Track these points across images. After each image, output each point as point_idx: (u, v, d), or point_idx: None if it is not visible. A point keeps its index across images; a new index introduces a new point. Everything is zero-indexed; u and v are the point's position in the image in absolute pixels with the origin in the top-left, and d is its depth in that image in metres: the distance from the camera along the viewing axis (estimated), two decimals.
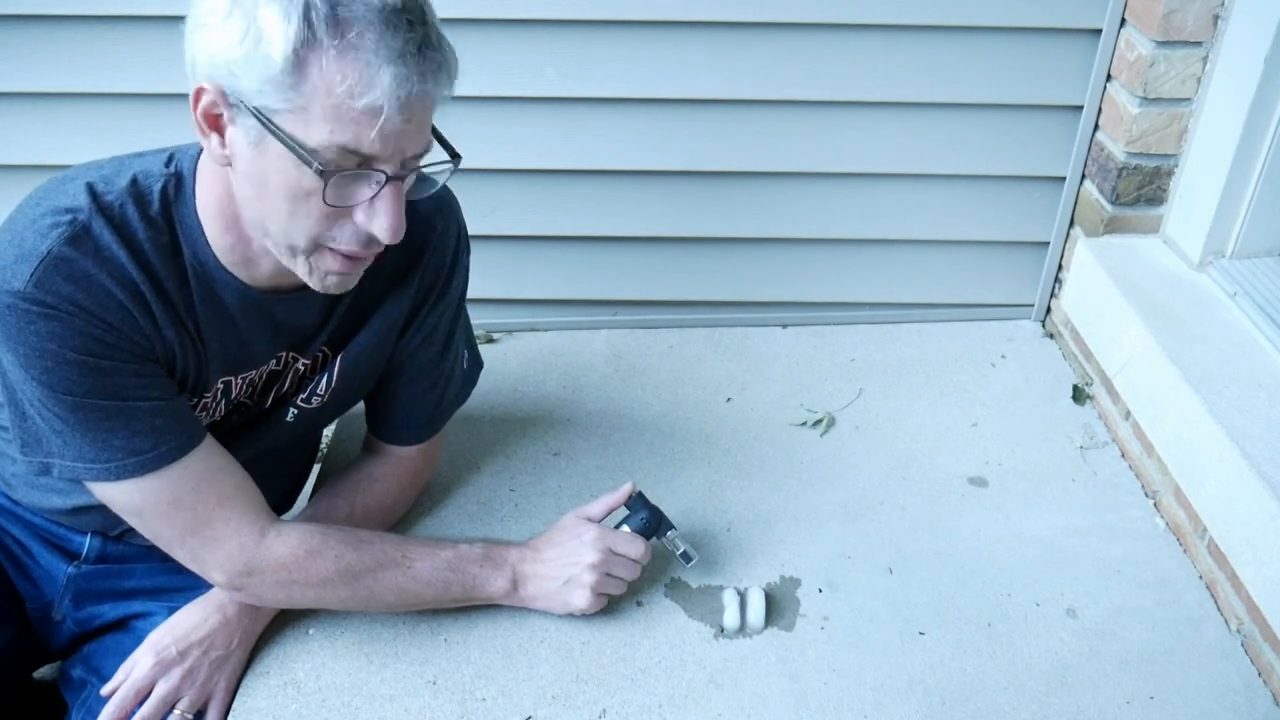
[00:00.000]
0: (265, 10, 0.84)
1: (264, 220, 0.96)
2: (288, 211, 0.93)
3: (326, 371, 1.21)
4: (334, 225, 0.95)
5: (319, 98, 0.86)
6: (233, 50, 0.85)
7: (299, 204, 0.92)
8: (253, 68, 0.85)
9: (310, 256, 0.98)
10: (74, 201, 0.97)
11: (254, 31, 0.84)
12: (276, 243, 0.98)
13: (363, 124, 0.87)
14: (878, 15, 1.56)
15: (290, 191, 0.92)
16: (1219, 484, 1.30)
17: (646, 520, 1.25)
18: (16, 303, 0.93)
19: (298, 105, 0.86)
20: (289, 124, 0.88)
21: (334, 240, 0.96)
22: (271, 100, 0.86)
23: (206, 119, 0.92)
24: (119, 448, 1.01)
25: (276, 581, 1.11)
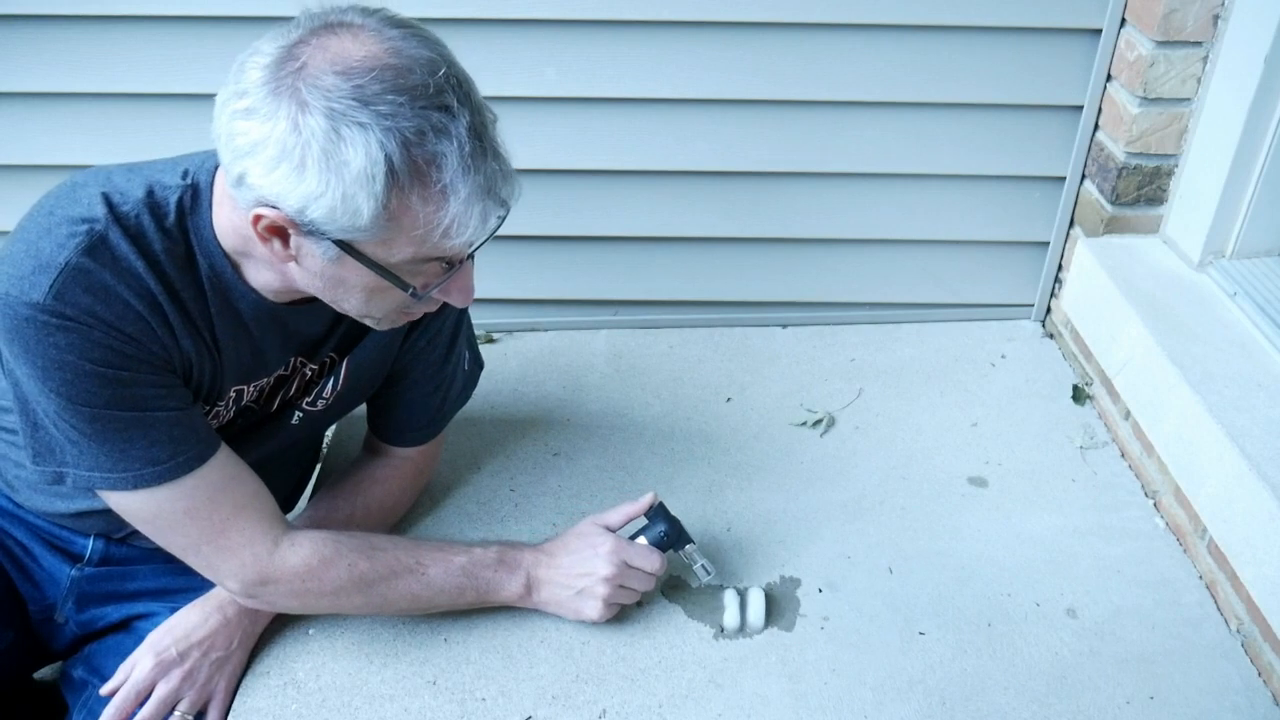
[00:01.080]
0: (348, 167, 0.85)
1: (336, 301, 1.01)
2: (365, 299, 0.99)
3: (333, 375, 1.21)
4: (413, 304, 1.01)
5: (405, 231, 0.90)
6: (314, 203, 0.87)
7: (377, 295, 0.98)
8: (338, 220, 0.88)
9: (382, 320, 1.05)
10: (90, 211, 0.96)
11: (337, 189, 0.86)
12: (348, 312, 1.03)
13: (456, 250, 0.94)
14: (878, 15, 1.56)
15: (370, 290, 0.97)
16: (1219, 484, 1.30)
17: (665, 533, 1.25)
18: (35, 315, 0.92)
19: (383, 239, 0.90)
20: (371, 248, 0.92)
21: (411, 309, 1.04)
22: (354, 236, 0.90)
23: (269, 230, 0.92)
24: (136, 458, 1.01)
25: (290, 590, 1.11)
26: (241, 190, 0.90)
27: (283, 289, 1.04)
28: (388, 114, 0.84)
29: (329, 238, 0.90)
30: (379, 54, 0.85)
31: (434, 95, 0.85)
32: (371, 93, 0.84)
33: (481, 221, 0.91)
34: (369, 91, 0.83)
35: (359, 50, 0.85)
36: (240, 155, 0.87)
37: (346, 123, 0.83)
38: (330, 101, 0.83)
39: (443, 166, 0.87)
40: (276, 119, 0.84)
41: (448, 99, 0.86)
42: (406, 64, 0.85)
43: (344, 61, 0.84)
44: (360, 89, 0.83)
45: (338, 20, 0.88)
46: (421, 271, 0.96)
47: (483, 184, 0.89)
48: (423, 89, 0.85)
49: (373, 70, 0.84)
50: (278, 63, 0.85)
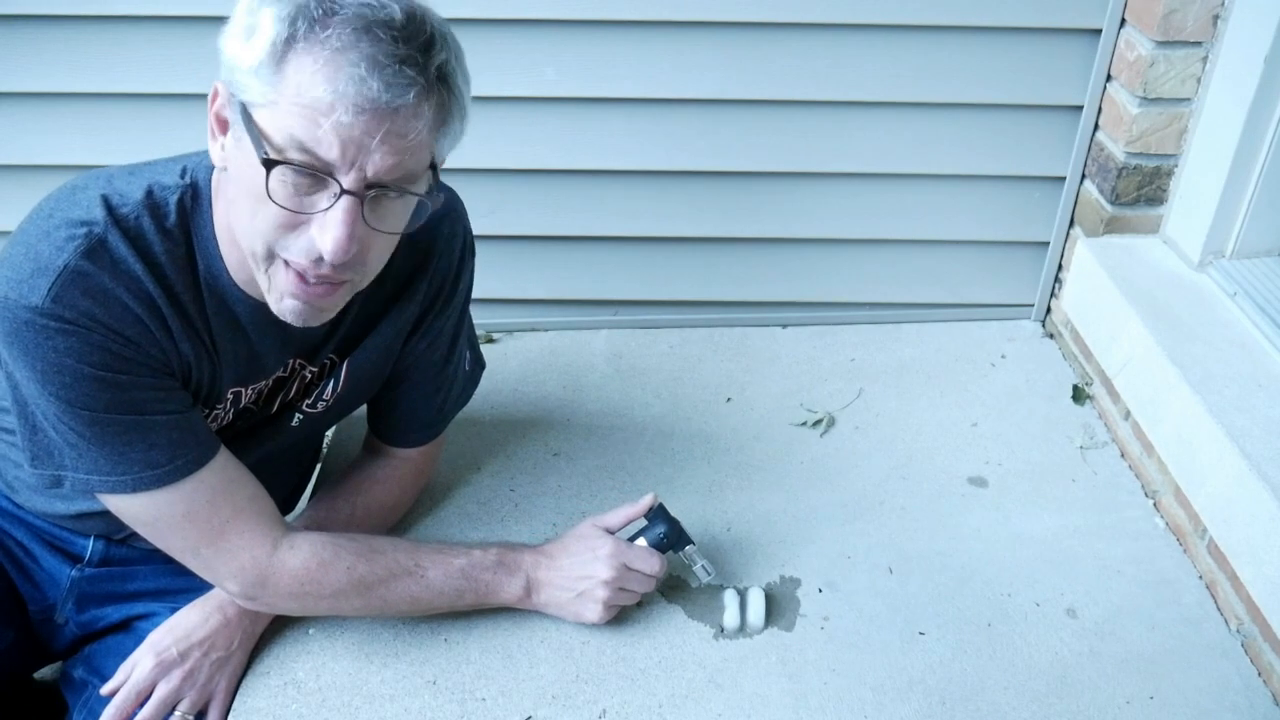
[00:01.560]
0: (266, 9, 0.86)
1: (237, 224, 0.95)
2: (249, 211, 0.92)
3: (333, 377, 1.21)
4: (288, 234, 0.91)
5: (289, 92, 0.85)
6: (234, 42, 0.87)
7: (260, 204, 0.90)
8: (242, 60, 0.86)
9: (269, 269, 0.95)
10: (89, 214, 0.96)
11: (251, 27, 0.86)
12: (244, 249, 0.96)
13: (317, 121, 0.85)
14: (878, 15, 1.56)
15: (253, 190, 0.90)
16: (1219, 484, 1.30)
17: (664, 535, 1.25)
18: (34, 318, 0.92)
19: (271, 99, 0.86)
20: (262, 117, 0.87)
21: (286, 250, 0.92)
22: (254, 94, 0.87)
23: (218, 122, 0.93)
24: (136, 461, 1.01)
25: (290, 592, 1.11)
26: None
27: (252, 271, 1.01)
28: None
29: (238, 99, 0.88)
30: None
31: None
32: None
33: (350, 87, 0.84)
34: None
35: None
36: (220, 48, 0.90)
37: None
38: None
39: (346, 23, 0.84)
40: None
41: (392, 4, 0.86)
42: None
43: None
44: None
45: None
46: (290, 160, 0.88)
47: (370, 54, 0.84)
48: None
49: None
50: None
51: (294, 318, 0.98)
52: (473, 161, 1.66)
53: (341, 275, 0.95)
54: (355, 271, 0.96)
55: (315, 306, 0.97)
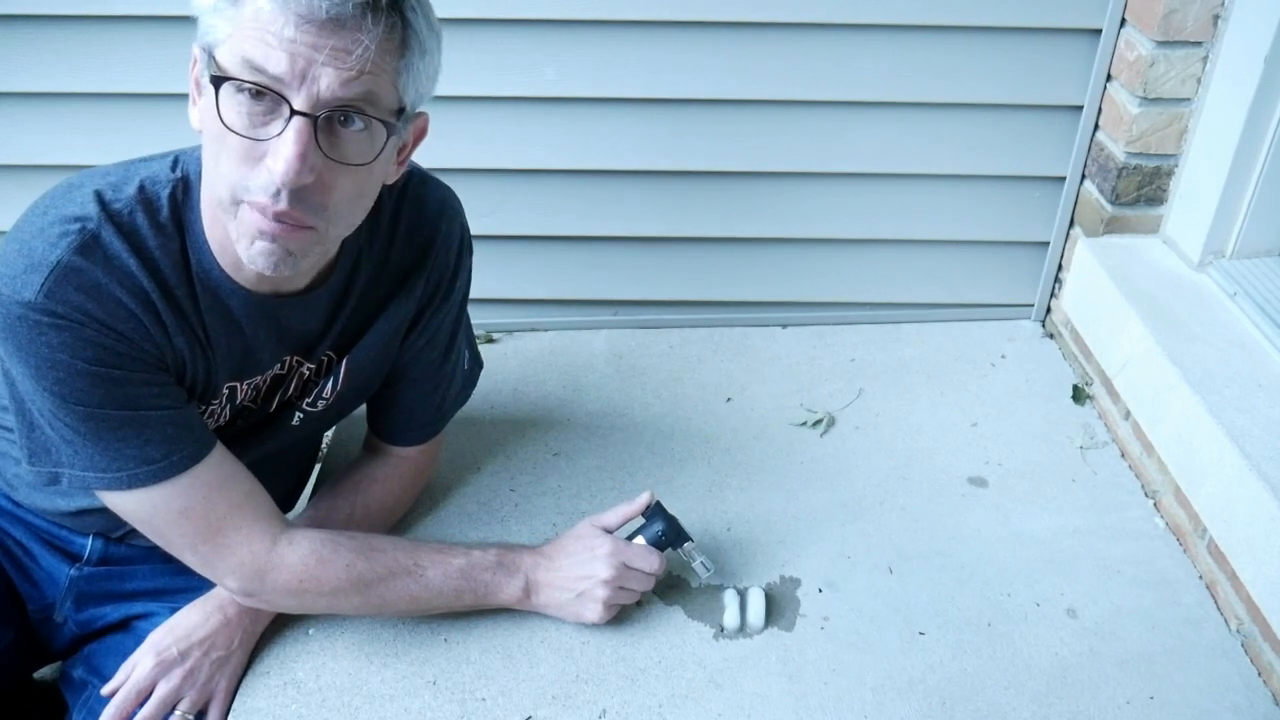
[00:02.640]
0: None
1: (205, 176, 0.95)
2: (213, 155, 0.91)
3: (332, 375, 1.21)
4: (248, 172, 0.89)
5: (245, 21, 0.85)
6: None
7: (221, 145, 0.89)
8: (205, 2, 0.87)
9: (236, 214, 0.92)
10: (82, 210, 0.96)
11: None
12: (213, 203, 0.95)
13: (265, 39, 0.84)
14: (878, 15, 1.56)
15: (214, 132, 0.89)
16: (1219, 484, 1.30)
17: (663, 532, 1.24)
18: (27, 314, 0.93)
19: (229, 33, 0.86)
20: (222, 54, 0.87)
21: (247, 191, 0.90)
22: (217, 34, 0.87)
23: (196, 87, 0.93)
24: (131, 457, 1.01)
25: (288, 589, 1.11)
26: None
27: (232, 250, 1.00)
28: None
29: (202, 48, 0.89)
30: None
31: None
32: None
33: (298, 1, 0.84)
34: None
35: None
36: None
37: None
38: None
39: None
40: None
41: None
42: None
43: None
44: None
45: None
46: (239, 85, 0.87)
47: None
48: None
49: None
50: None
51: (264, 261, 0.93)
52: (473, 161, 1.67)
53: (304, 215, 0.92)
54: (318, 215, 0.93)
55: (283, 247, 0.93)
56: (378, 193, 1.02)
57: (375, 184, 1.00)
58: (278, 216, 0.90)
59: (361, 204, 0.99)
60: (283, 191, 0.88)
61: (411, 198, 1.18)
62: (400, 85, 0.92)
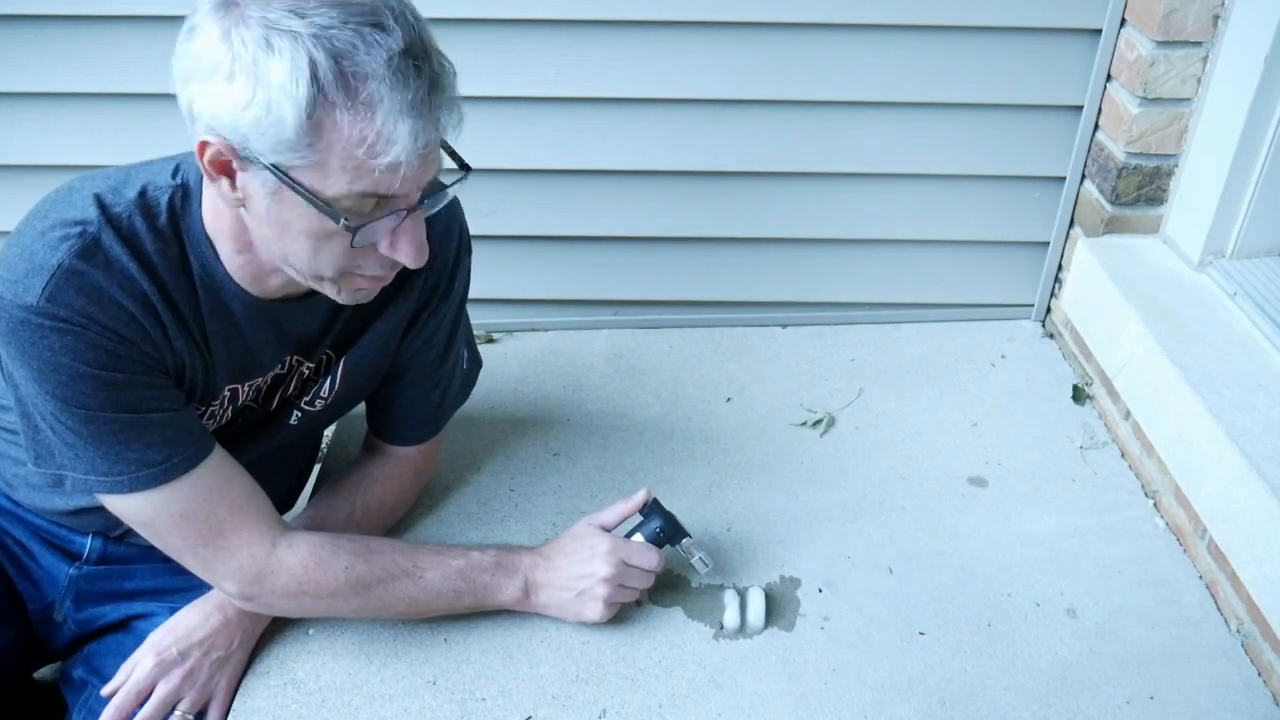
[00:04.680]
0: (271, 73, 0.83)
1: (286, 256, 0.98)
2: (311, 249, 0.95)
3: (330, 374, 1.21)
4: (361, 257, 0.97)
5: (335, 153, 0.87)
6: (241, 113, 0.85)
7: (323, 243, 0.95)
8: (265, 132, 0.85)
9: (337, 282, 1.00)
10: (82, 214, 0.96)
11: (262, 96, 0.84)
12: (301, 273, 0.99)
13: (385, 179, 0.89)
14: (878, 15, 1.56)
15: (313, 234, 0.93)
16: (1219, 484, 1.30)
17: (660, 529, 1.24)
18: (30, 317, 0.93)
19: (314, 161, 0.87)
20: (306, 177, 0.88)
21: (360, 269, 0.99)
22: (286, 158, 0.87)
23: (215, 165, 0.91)
24: (132, 460, 1.01)
25: (287, 591, 1.11)
26: (193, 123, 0.90)
27: (257, 272, 1.03)
28: (320, 25, 0.83)
29: (264, 163, 0.87)
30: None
31: (370, 13, 0.85)
32: (309, 6, 0.84)
33: (411, 140, 0.86)
34: (307, 6, 0.84)
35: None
36: (185, 80, 0.88)
37: (277, 33, 0.83)
38: (266, 12, 0.83)
39: (369, 78, 0.84)
40: (216, 35, 0.85)
41: (384, 18, 0.85)
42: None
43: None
44: (299, 3, 0.84)
45: None
46: (362, 212, 0.92)
47: (411, 100, 0.86)
48: (359, 6, 0.85)
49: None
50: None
51: (366, 300, 1.06)
52: (472, 161, 1.65)
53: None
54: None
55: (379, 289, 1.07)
56: None
57: None
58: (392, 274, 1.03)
59: None
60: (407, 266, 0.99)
61: None
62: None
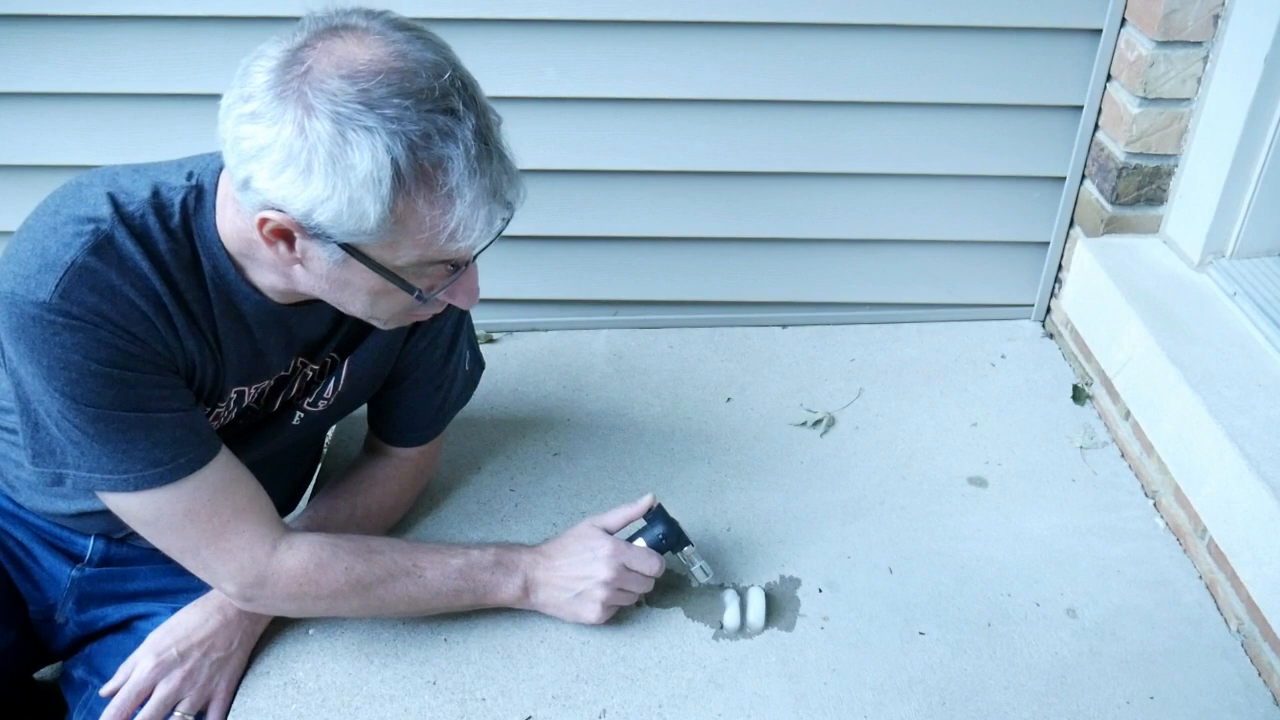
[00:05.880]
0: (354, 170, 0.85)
1: (340, 303, 1.01)
2: (370, 302, 0.99)
3: (334, 376, 1.21)
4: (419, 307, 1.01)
5: (411, 234, 0.90)
6: (320, 205, 0.87)
7: (383, 297, 0.98)
8: (344, 223, 0.88)
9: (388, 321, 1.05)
10: (95, 211, 0.96)
11: (344, 193, 0.86)
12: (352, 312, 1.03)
13: (460, 253, 0.94)
14: (878, 15, 1.56)
15: (375, 292, 0.97)
16: (1219, 484, 1.30)
17: (663, 536, 1.24)
18: (42, 314, 0.93)
19: (389, 241, 0.90)
20: (376, 252, 0.92)
21: (417, 310, 1.03)
22: (360, 240, 0.90)
23: (275, 234, 0.92)
24: (139, 459, 1.01)
25: (287, 593, 1.11)
26: (247, 194, 0.90)
27: (287, 290, 1.04)
28: (393, 117, 0.84)
29: (334, 241, 0.90)
30: (384, 57, 0.85)
31: (440, 99, 0.86)
32: (377, 96, 0.84)
33: (487, 224, 0.91)
34: (375, 95, 0.84)
35: (364, 54, 0.85)
36: (246, 159, 0.88)
37: (353, 126, 0.83)
38: (336, 105, 0.83)
39: (449, 170, 0.87)
40: (282, 123, 0.85)
41: (453, 102, 0.86)
42: (412, 67, 0.86)
43: (350, 65, 0.84)
44: (366, 93, 0.84)
45: (342, 23, 0.88)
46: (426, 274, 0.97)
47: (488, 186, 0.90)
48: (428, 92, 0.85)
49: (378, 74, 0.84)
50: (283, 66, 0.85)
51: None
52: None
53: None
54: None
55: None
56: None
57: None
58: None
59: None
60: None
61: None
62: None
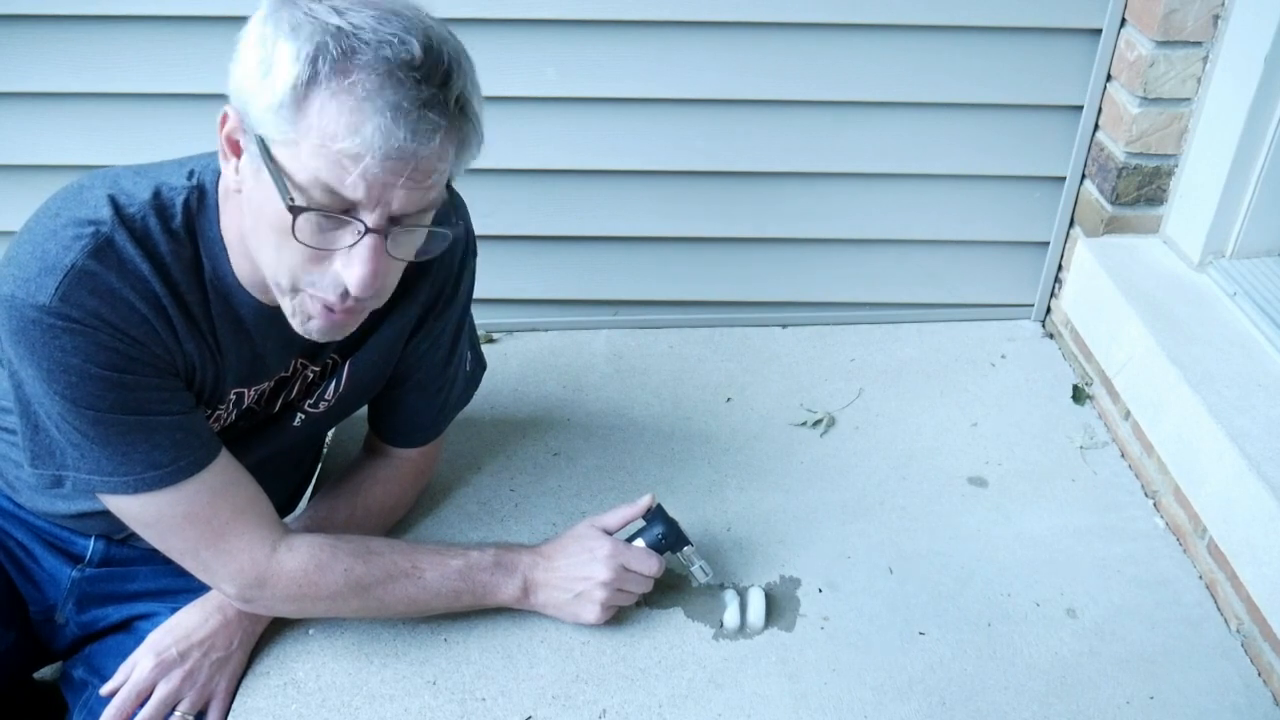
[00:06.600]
0: (282, 44, 0.85)
1: (258, 251, 0.96)
2: (274, 245, 0.93)
3: (335, 377, 1.21)
4: (314, 269, 0.93)
5: (312, 135, 0.86)
6: (249, 77, 0.87)
7: (284, 240, 0.91)
8: (260, 95, 0.86)
9: (293, 298, 0.97)
10: (96, 213, 0.96)
11: (267, 62, 0.85)
12: (267, 277, 0.97)
13: (344, 167, 0.86)
14: (878, 15, 1.56)
15: (276, 225, 0.91)
16: (1219, 484, 1.30)
17: (662, 536, 1.24)
18: (41, 317, 0.92)
19: (292, 139, 0.87)
20: (283, 155, 0.88)
21: (313, 285, 0.94)
22: (272, 130, 0.87)
23: (229, 144, 0.93)
24: (138, 461, 1.01)
25: (287, 594, 1.11)
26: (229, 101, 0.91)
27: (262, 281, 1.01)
28: (352, 23, 0.85)
29: (253, 133, 0.89)
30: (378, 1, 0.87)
31: (406, 29, 0.86)
32: (354, 6, 0.85)
33: (380, 137, 0.84)
34: (353, 5, 0.86)
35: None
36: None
37: (307, 15, 0.85)
38: (312, 4, 0.86)
39: (364, 71, 0.84)
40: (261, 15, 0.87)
41: (414, 35, 0.86)
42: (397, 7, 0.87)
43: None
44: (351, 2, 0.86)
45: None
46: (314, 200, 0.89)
47: (395, 102, 0.85)
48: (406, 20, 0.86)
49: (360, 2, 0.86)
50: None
51: (318, 336, 1.00)
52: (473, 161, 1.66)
53: (364, 304, 0.98)
54: (376, 297, 0.98)
55: (339, 326, 1.00)
56: None
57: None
58: (343, 310, 0.97)
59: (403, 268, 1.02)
60: (351, 295, 0.93)
61: None
62: (455, 172, 0.95)
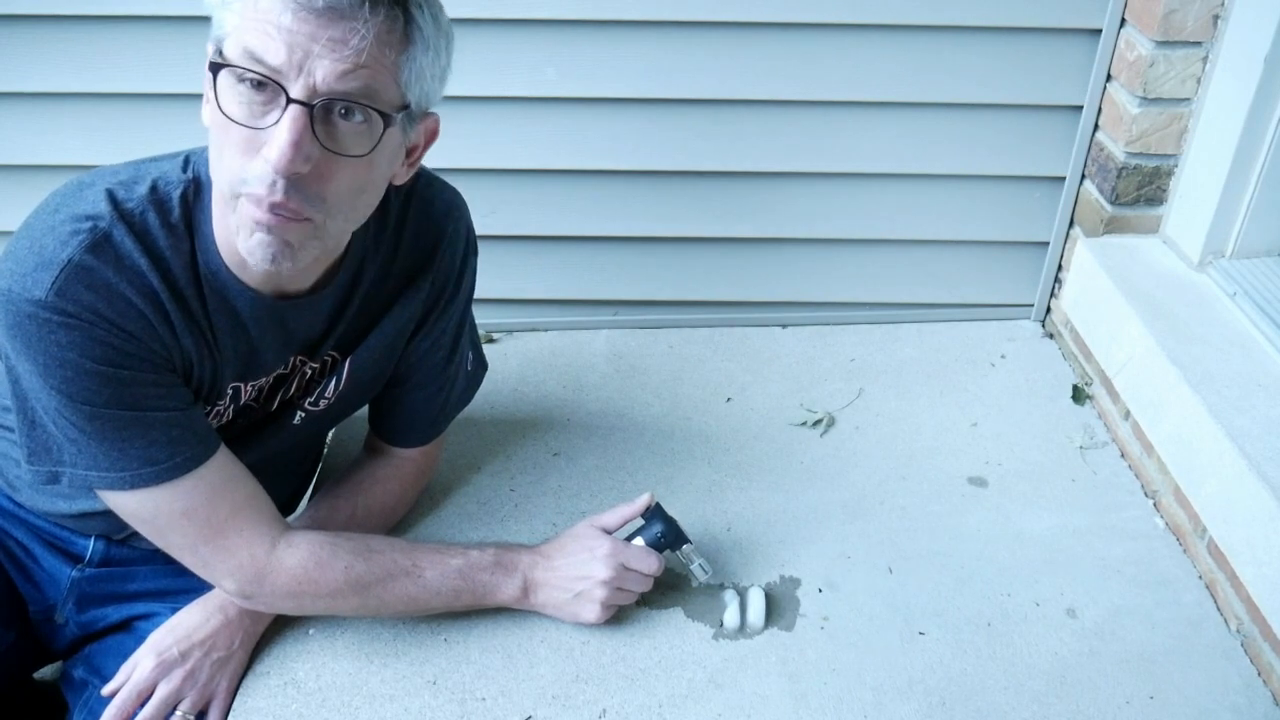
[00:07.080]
0: None
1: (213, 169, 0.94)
2: (217, 148, 0.92)
3: (335, 375, 1.21)
4: (247, 162, 0.89)
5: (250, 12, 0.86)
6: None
7: (223, 136, 0.90)
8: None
9: (236, 209, 0.92)
10: (94, 209, 0.96)
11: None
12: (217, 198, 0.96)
13: (265, 28, 0.85)
14: (878, 15, 1.56)
15: (218, 123, 0.90)
16: (1219, 484, 1.30)
17: (662, 534, 1.24)
18: (37, 311, 0.93)
19: (235, 25, 0.87)
20: (227, 46, 0.88)
21: (245, 182, 0.90)
22: (223, 29, 0.88)
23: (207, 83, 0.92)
24: (135, 457, 1.01)
25: (286, 591, 1.11)
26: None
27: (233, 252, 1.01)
28: None
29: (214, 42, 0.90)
30: None
31: None
32: None
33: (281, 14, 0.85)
34: None
35: None
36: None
37: None
38: None
39: None
40: None
41: None
42: None
43: None
44: None
45: None
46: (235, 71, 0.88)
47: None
48: None
49: None
50: None
51: (262, 252, 0.93)
52: (473, 161, 1.66)
53: (301, 206, 0.91)
54: (315, 206, 0.92)
55: (280, 239, 0.93)
56: (383, 191, 1.02)
57: (379, 180, 0.99)
58: (274, 207, 0.90)
59: (364, 200, 0.99)
60: (278, 181, 0.88)
61: (418, 200, 1.18)
62: (402, 80, 0.92)
